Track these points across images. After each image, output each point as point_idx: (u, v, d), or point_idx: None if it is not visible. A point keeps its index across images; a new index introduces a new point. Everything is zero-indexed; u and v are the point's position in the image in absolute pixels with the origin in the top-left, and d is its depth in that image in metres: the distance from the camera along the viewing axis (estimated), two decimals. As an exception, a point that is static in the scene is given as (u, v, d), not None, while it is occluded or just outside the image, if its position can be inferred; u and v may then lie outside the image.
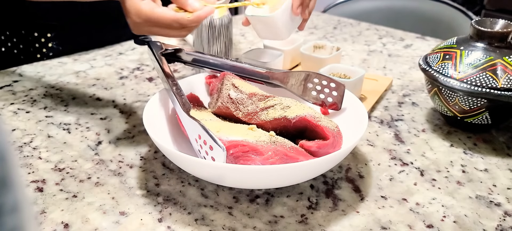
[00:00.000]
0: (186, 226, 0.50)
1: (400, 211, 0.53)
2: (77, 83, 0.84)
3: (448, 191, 0.57)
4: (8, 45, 0.93)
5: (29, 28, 0.92)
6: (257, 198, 0.54)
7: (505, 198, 0.56)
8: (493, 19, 0.68)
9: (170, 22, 0.57)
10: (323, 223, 0.50)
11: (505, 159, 0.64)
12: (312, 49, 0.89)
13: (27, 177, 0.57)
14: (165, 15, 0.57)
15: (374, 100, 0.78)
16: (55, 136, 0.67)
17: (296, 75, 0.67)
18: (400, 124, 0.73)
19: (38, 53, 0.95)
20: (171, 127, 0.62)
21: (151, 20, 0.57)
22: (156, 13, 0.57)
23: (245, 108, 0.60)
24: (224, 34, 0.84)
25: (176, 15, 0.57)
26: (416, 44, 1.12)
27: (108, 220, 0.50)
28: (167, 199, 0.54)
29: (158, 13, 0.57)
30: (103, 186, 0.56)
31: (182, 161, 0.51)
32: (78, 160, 0.61)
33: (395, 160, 0.63)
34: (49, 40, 0.95)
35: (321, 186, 0.57)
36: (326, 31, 1.21)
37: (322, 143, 0.55)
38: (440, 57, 0.67)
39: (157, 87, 0.84)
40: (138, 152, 0.63)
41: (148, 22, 0.58)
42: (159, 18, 0.57)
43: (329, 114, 0.66)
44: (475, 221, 0.52)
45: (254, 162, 0.52)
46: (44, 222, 0.49)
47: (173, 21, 0.57)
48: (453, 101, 0.66)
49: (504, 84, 0.62)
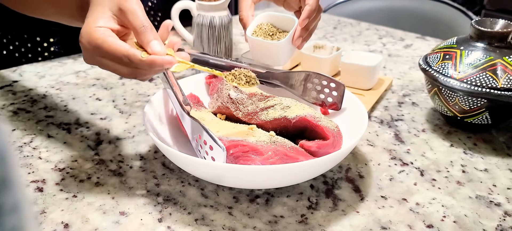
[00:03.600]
0: (186, 226, 0.50)
1: (400, 211, 0.53)
2: (77, 83, 0.84)
3: (448, 191, 0.57)
4: (9, 48, 0.93)
5: (31, 33, 0.92)
6: (257, 198, 0.54)
7: (505, 198, 0.56)
8: (493, 19, 0.68)
9: (120, 55, 0.49)
10: (323, 223, 0.50)
11: (505, 159, 0.64)
12: (312, 49, 0.89)
13: (27, 177, 0.57)
14: (117, 47, 0.49)
15: (374, 100, 0.78)
16: (55, 136, 0.67)
17: (296, 75, 0.67)
18: (400, 124, 0.73)
19: (39, 57, 0.95)
20: (171, 127, 0.62)
21: (101, 49, 0.49)
22: (107, 42, 0.49)
23: (245, 108, 0.60)
24: (224, 34, 0.85)
25: (129, 49, 0.49)
26: (416, 44, 1.12)
27: (108, 220, 0.50)
28: (167, 199, 0.54)
29: (110, 42, 0.49)
30: (103, 186, 0.56)
31: (182, 161, 0.51)
32: (78, 160, 0.61)
33: (395, 160, 0.63)
34: (51, 44, 0.95)
35: (321, 186, 0.57)
36: (326, 31, 1.21)
37: (322, 143, 0.55)
38: (440, 57, 0.67)
39: (157, 87, 0.84)
40: (138, 152, 0.63)
41: (98, 51, 0.50)
42: (109, 48, 0.49)
43: (329, 114, 0.66)
44: (475, 221, 0.52)
45: (254, 162, 0.52)
46: (44, 222, 0.49)
47: (123, 55, 0.49)
48: (453, 101, 0.66)
49: (504, 84, 0.62)
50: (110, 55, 0.49)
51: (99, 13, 0.51)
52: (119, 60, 0.50)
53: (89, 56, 0.52)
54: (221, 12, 0.84)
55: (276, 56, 0.70)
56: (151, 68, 0.50)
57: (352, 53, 0.85)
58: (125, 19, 0.51)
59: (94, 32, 0.49)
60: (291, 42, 0.70)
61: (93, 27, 0.50)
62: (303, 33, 0.69)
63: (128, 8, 0.50)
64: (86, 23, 0.51)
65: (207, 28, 0.83)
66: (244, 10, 0.72)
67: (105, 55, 0.50)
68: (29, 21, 0.91)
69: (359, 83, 0.81)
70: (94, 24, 0.50)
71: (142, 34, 0.50)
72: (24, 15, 0.70)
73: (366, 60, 0.82)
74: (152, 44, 0.50)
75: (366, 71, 0.79)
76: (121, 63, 0.50)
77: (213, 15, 0.83)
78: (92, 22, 0.50)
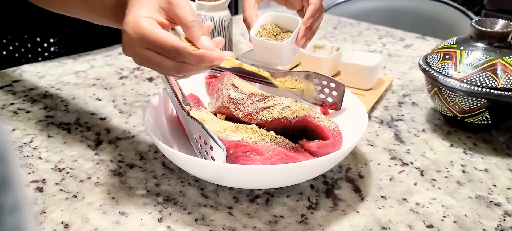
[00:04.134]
0: (186, 226, 0.50)
1: (400, 211, 0.53)
2: (77, 83, 0.84)
3: (448, 191, 0.57)
4: (10, 48, 0.93)
5: (31, 33, 0.92)
6: (257, 198, 0.54)
7: (505, 198, 0.56)
8: (493, 19, 0.68)
9: (169, 47, 0.47)
10: (323, 223, 0.50)
11: (505, 159, 0.64)
12: (312, 49, 0.89)
13: (27, 177, 0.57)
14: (166, 38, 0.47)
15: (374, 100, 0.78)
16: (55, 136, 0.67)
17: (296, 75, 0.67)
18: (400, 124, 0.73)
19: (39, 57, 0.95)
20: (171, 127, 0.62)
21: (148, 39, 0.48)
22: (155, 33, 0.47)
23: (245, 108, 0.60)
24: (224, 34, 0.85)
25: (179, 41, 0.48)
26: (416, 44, 1.12)
27: (108, 220, 0.50)
28: (167, 199, 0.54)
29: (158, 33, 0.48)
30: (103, 186, 0.56)
31: (182, 161, 0.51)
32: (78, 160, 0.61)
33: (395, 160, 0.63)
34: (51, 45, 0.95)
35: (321, 186, 0.57)
36: (326, 31, 1.21)
37: (322, 143, 0.55)
38: (440, 57, 0.67)
39: (157, 87, 0.84)
40: (138, 152, 0.63)
41: (144, 41, 0.48)
42: (157, 39, 0.47)
43: (329, 114, 0.66)
44: (475, 221, 0.52)
45: (254, 162, 0.52)
46: (44, 222, 0.49)
47: (172, 47, 0.47)
48: (453, 101, 0.66)
49: (504, 84, 0.62)
50: (157, 46, 0.48)
51: (146, 3, 0.50)
52: (167, 53, 0.48)
53: (131, 46, 0.50)
54: (221, 12, 0.84)
55: (280, 56, 0.70)
56: (200, 63, 0.49)
57: (352, 53, 0.85)
58: (174, 12, 0.50)
59: (142, 21, 0.48)
60: (295, 42, 0.70)
61: (141, 16, 0.48)
62: (307, 33, 0.69)
63: (177, 1, 0.49)
64: (133, 12, 0.49)
65: (207, 28, 0.83)
66: (248, 10, 0.72)
67: (151, 46, 0.48)
68: (29, 21, 0.91)
69: (359, 83, 0.81)
70: (142, 13, 0.49)
71: (192, 29, 0.49)
72: (24, 15, 0.70)
73: (366, 60, 0.82)
74: (202, 39, 0.49)
75: (366, 71, 0.79)
76: (167, 56, 0.48)
77: (213, 15, 0.83)
78: (139, 12, 0.49)
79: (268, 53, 0.71)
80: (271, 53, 0.71)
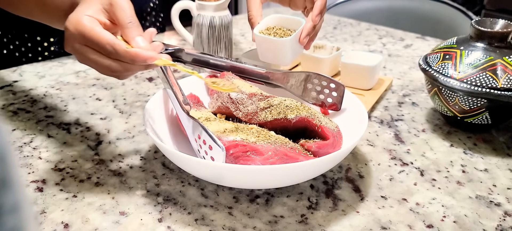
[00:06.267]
0: (186, 226, 0.50)
1: (400, 211, 0.53)
2: (77, 83, 0.84)
3: (448, 191, 0.57)
4: (10, 48, 0.93)
5: (32, 32, 0.92)
6: (257, 198, 0.54)
7: (505, 198, 0.56)
8: (493, 19, 0.68)
9: (105, 43, 0.49)
10: (323, 223, 0.50)
11: (505, 159, 0.64)
12: (312, 49, 0.89)
13: (27, 177, 0.57)
14: (103, 35, 0.50)
15: (374, 100, 0.78)
16: (55, 136, 0.67)
17: (296, 76, 0.67)
18: (400, 124, 0.73)
19: (39, 56, 0.95)
20: (171, 127, 0.62)
21: (86, 35, 0.50)
22: (93, 30, 0.50)
23: (245, 108, 0.60)
24: (224, 34, 0.85)
25: (115, 39, 0.50)
26: (416, 44, 1.12)
27: (108, 220, 0.50)
28: (167, 199, 0.54)
29: (96, 30, 0.50)
30: (103, 186, 0.56)
31: (182, 161, 0.51)
32: (78, 160, 0.61)
33: (395, 160, 0.63)
34: (51, 44, 0.95)
35: (321, 186, 0.57)
36: (326, 31, 1.21)
37: (322, 143, 0.55)
38: (440, 57, 0.67)
39: (157, 87, 0.84)
40: (138, 152, 0.63)
41: (82, 38, 0.50)
42: (94, 35, 0.50)
43: (329, 114, 0.66)
44: (475, 221, 0.52)
45: (254, 162, 0.52)
46: (44, 222, 0.49)
47: (107, 43, 0.49)
48: (453, 101, 0.66)
49: (504, 84, 0.62)
50: (94, 43, 0.50)
51: (90, 4, 0.53)
52: (103, 49, 0.50)
53: (71, 43, 0.52)
54: (221, 12, 0.84)
55: (282, 54, 0.70)
56: (134, 61, 0.51)
57: (352, 53, 0.85)
58: (114, 13, 0.52)
59: (83, 19, 0.50)
60: (299, 41, 0.70)
61: (83, 14, 0.51)
62: (310, 31, 0.69)
63: (118, 2, 0.52)
64: (76, 11, 0.52)
65: (207, 28, 0.83)
66: (253, 10, 0.73)
67: (89, 43, 0.50)
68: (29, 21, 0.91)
69: (359, 83, 0.81)
70: (84, 12, 0.51)
71: (128, 29, 0.52)
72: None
73: (366, 60, 0.82)
74: (137, 39, 0.52)
75: (366, 71, 0.79)
76: (103, 53, 0.51)
77: (213, 15, 0.83)
78: (82, 10, 0.52)
79: (270, 51, 0.71)
80: (273, 51, 0.71)
